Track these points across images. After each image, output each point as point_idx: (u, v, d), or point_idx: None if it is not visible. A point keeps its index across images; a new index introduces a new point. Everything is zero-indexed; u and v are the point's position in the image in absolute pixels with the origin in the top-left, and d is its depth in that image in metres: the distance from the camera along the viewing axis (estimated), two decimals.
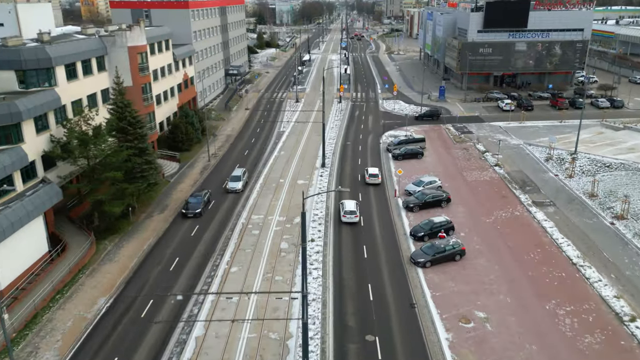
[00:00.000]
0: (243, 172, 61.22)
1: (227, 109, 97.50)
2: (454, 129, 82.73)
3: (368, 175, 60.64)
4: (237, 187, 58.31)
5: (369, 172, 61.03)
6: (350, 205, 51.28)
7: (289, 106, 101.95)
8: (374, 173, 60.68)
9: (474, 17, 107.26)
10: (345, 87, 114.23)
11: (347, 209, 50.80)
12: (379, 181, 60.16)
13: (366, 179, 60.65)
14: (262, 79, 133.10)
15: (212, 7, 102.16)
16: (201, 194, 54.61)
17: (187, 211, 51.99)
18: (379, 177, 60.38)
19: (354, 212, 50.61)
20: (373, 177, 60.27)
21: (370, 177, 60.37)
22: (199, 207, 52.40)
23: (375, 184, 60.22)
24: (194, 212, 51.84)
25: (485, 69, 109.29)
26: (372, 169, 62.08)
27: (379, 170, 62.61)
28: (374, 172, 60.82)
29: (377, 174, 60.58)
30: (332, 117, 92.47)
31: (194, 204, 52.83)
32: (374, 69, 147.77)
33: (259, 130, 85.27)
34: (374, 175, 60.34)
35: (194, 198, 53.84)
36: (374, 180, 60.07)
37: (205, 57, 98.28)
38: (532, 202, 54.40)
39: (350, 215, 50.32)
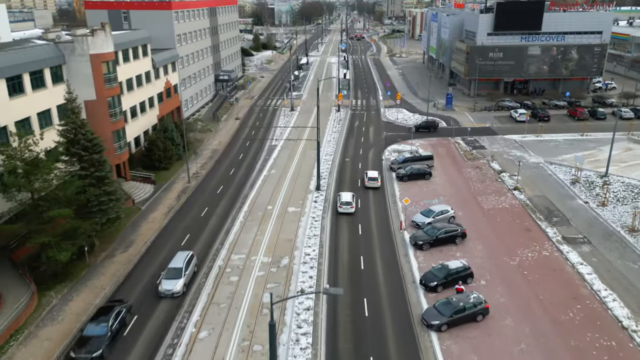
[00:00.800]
0: (187, 260, 40.09)
1: (215, 119, 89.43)
2: (464, 143, 74.61)
3: (367, 179, 59.33)
4: (174, 288, 37.78)
5: (368, 176, 59.76)
6: (347, 197, 53.29)
7: (283, 115, 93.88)
8: (373, 177, 59.38)
9: (483, 19, 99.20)
10: (344, 93, 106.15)
11: (343, 200, 52.94)
12: (378, 184, 59.04)
13: (365, 182, 59.39)
14: (256, 84, 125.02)
15: (199, 8, 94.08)
16: (109, 317, 33.37)
17: (77, 355, 31.01)
18: (378, 181, 59.11)
19: (349, 203, 52.39)
20: (372, 180, 59.07)
21: (369, 180, 59.11)
22: (101, 346, 31.33)
23: (375, 187, 59.04)
24: (90, 357, 30.92)
25: (495, 75, 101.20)
26: (372, 172, 60.87)
27: (379, 174, 61.12)
28: (373, 176, 59.51)
29: (377, 177, 59.34)
30: (329, 129, 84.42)
31: (93, 339, 31.78)
32: (375, 73, 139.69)
33: (249, 143, 77.17)
34: (373, 179, 59.13)
35: (95, 326, 32.75)
36: (373, 183, 58.89)
37: (191, 62, 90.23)
38: (562, 237, 46.29)
39: (346, 206, 52.22)
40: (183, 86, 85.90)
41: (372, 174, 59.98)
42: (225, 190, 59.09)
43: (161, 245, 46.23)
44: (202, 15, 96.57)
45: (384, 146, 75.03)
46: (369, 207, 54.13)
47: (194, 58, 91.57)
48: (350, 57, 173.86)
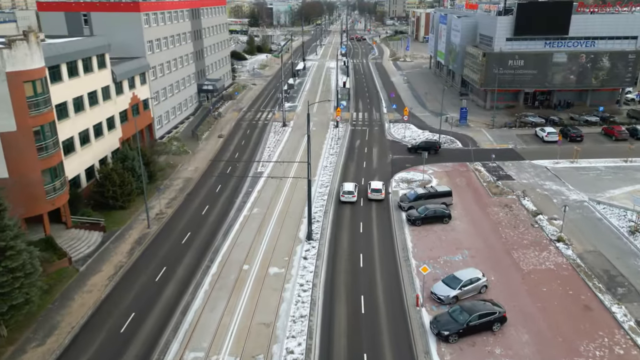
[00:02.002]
0: None
1: (195, 137, 77.39)
2: (486, 171, 62.57)
3: (370, 190, 55.56)
4: None
5: (371, 187, 55.88)
6: (349, 187, 55.18)
7: (273, 132, 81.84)
8: (377, 188, 55.44)
9: (502, 22, 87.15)
10: (342, 107, 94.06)
11: (345, 189, 54.76)
12: (382, 197, 55.15)
13: (368, 194, 55.61)
14: (246, 93, 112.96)
15: (177, 10, 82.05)
16: None
17: None
18: (382, 193, 55.20)
19: (351, 192, 54.37)
20: (376, 192, 55.21)
21: (372, 192, 55.30)
22: None
23: (379, 199, 55.17)
24: None
25: (515, 86, 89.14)
26: (376, 182, 56.84)
27: (383, 185, 56.65)
28: (377, 187, 55.55)
29: (381, 189, 55.34)
30: (325, 150, 72.40)
31: None
32: (377, 81, 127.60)
33: (230, 170, 65.17)
34: (376, 191, 55.26)
35: None
36: (377, 195, 55.07)
37: (167, 71, 78.21)
38: (636, 322, 34.27)
39: (348, 195, 54.25)
40: (156, 100, 73.97)
41: (376, 185, 55.83)
42: (193, 239, 47.11)
43: (93, 332, 34.21)
44: (181, 18, 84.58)
45: (391, 173, 63.05)
46: (374, 265, 42.15)
47: (171, 67, 79.57)
48: (350, 61, 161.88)
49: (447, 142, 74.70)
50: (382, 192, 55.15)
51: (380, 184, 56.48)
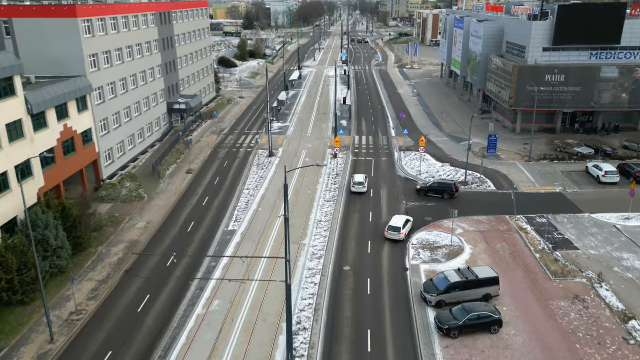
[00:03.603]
0: None
1: (156, 175, 61.37)
2: (535, 232, 46.51)
3: (388, 229, 46.10)
4: None
5: (391, 225, 46.30)
6: (360, 178, 56.39)
7: (256, 166, 65.80)
8: (396, 226, 45.85)
9: (538, 29, 71.08)
10: (341, 132, 77.93)
11: (356, 180, 56.06)
12: (402, 236, 45.37)
13: (384, 232, 46.17)
14: (231, 109, 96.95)
15: (136, 15, 66.02)
16: None
17: None
18: (401, 232, 45.40)
19: (362, 183, 55.79)
20: (394, 230, 45.67)
21: (390, 230, 45.91)
22: None
23: (398, 240, 45.30)
24: None
25: (553, 105, 73.06)
26: (397, 218, 47.27)
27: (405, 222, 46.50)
28: (396, 225, 45.95)
29: (400, 228, 45.61)
30: (320, 193, 56.43)
31: None
32: (382, 93, 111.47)
33: (192, 227, 49.12)
34: (395, 229, 45.67)
35: None
36: (395, 235, 45.49)
37: (122, 91, 62.27)
38: None
39: (359, 186, 55.67)
40: (105, 129, 58.05)
41: (397, 222, 46.27)
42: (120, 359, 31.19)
43: None
44: (144, 24, 68.57)
45: (407, 235, 46.99)
46: None
47: (127, 85, 63.58)
48: (351, 67, 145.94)
49: (475, 182, 58.67)
50: (402, 232, 45.61)
51: (403, 220, 46.79)
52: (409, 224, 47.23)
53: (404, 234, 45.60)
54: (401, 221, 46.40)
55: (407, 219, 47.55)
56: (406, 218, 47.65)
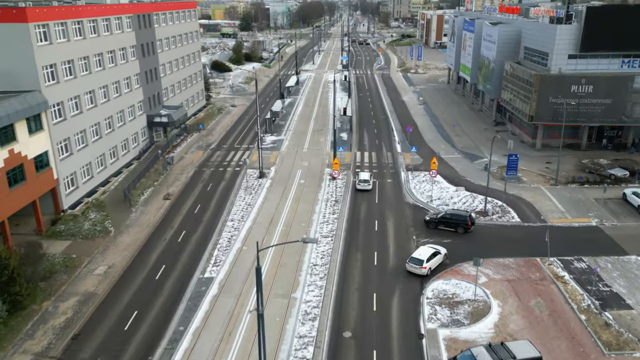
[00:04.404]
0: None
1: (127, 202, 53.28)
2: (575, 281, 38.43)
3: (409, 260, 40.25)
4: None
5: (413, 256, 40.49)
6: (365, 176, 56.85)
7: (244, 190, 57.73)
8: (418, 258, 40.15)
9: (563, 33, 63.02)
10: (342, 149, 69.76)
11: (361, 177, 56.52)
12: (425, 272, 39.29)
13: (406, 263, 40.35)
14: (221, 120, 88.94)
15: (106, 18, 57.98)
16: None
17: None
18: (423, 266, 39.31)
19: (367, 181, 55.98)
20: (416, 263, 39.73)
21: (411, 262, 40.04)
22: None
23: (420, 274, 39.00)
24: None
25: (580, 119, 64.96)
26: (423, 250, 41.15)
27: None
28: (419, 257, 40.26)
29: (422, 261, 39.66)
30: (315, 226, 48.38)
31: None
32: (386, 100, 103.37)
33: (162, 273, 41.04)
34: (417, 262, 39.76)
35: None
36: (416, 269, 39.63)
37: (89, 105, 54.28)
38: None
39: (364, 184, 55.86)
40: (67, 151, 50.05)
41: (421, 253, 40.41)
42: None
43: None
44: (117, 28, 60.52)
45: (420, 283, 38.98)
46: None
47: (96, 98, 55.55)
48: (352, 71, 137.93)
49: (496, 212, 50.61)
50: (425, 266, 39.49)
51: (429, 252, 40.76)
52: (437, 257, 40.71)
53: (427, 269, 39.46)
54: (426, 253, 40.40)
55: (436, 251, 41.07)
56: (434, 250, 41.16)
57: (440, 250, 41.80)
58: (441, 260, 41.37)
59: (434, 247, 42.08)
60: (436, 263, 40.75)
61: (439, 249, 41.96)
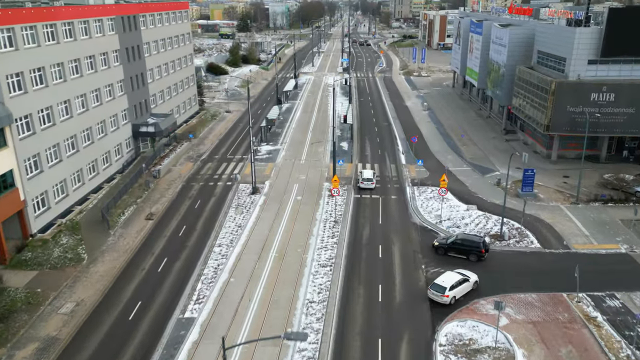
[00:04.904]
0: None
1: (105, 223, 48.26)
2: (609, 324, 33.43)
3: (431, 287, 36.43)
4: None
5: (436, 282, 36.52)
6: (368, 174, 56.24)
7: (235, 208, 52.68)
8: (441, 285, 36.10)
9: (582, 37, 58.02)
10: (342, 161, 64.59)
11: (365, 176, 55.90)
12: (447, 301, 35.23)
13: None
14: (214, 127, 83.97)
15: (86, 20, 52.97)
16: None
17: None
18: (445, 294, 35.39)
19: (370, 179, 55.61)
20: (438, 290, 36.00)
21: (433, 289, 36.18)
22: None
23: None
24: None
25: (600, 130, 59.95)
26: (449, 275, 36.99)
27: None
28: (442, 284, 36.22)
29: (445, 288, 35.64)
30: (312, 252, 43.38)
31: None
32: (388, 106, 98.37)
33: (137, 311, 36.00)
34: (439, 289, 35.98)
35: None
36: (437, 297, 35.70)
37: (63, 117, 49.32)
38: None
39: (367, 182, 55.38)
40: (37, 168, 45.08)
41: (445, 280, 36.51)
42: None
43: None
44: (98, 31, 55.53)
45: (431, 323, 34.01)
46: None
47: (71, 109, 50.57)
48: (353, 74, 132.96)
49: (513, 236, 45.63)
50: (447, 294, 35.65)
51: (454, 278, 36.80)
52: (464, 284, 36.47)
53: (449, 297, 35.48)
54: (451, 280, 36.32)
55: (464, 278, 36.85)
56: (462, 276, 36.88)
57: (470, 277, 37.46)
58: (470, 288, 37.12)
59: (462, 272, 37.78)
60: (463, 291, 36.48)
61: (468, 275, 37.61)
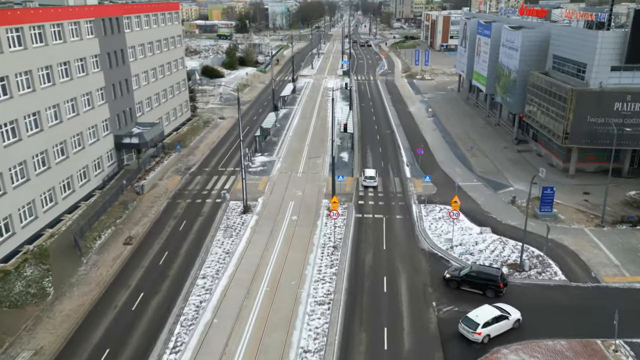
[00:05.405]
0: None
1: (77, 250, 43.25)
2: None
3: (463, 320, 32.27)
4: None
5: (469, 316, 32.20)
6: (371, 172, 56.64)
7: (223, 231, 47.66)
8: (474, 320, 31.91)
9: (605, 41, 53.00)
10: (342, 176, 59.30)
11: (367, 174, 56.34)
12: (479, 339, 31.34)
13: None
14: (206, 135, 78.95)
15: (59, 22, 47.94)
16: None
17: None
18: (478, 331, 31.35)
19: (373, 177, 55.78)
20: (469, 326, 31.72)
21: (464, 324, 32.05)
22: None
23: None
24: None
25: (625, 142, 54.87)
26: (485, 310, 32.48)
27: None
28: (475, 319, 31.95)
29: (478, 325, 31.44)
30: (308, 287, 38.36)
31: None
32: (391, 112, 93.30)
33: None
34: (471, 325, 31.74)
35: None
36: (469, 334, 31.59)
37: (31, 131, 44.30)
38: None
39: (370, 180, 55.59)
40: (0, 189, 40.15)
41: (480, 315, 32.19)
42: None
43: None
44: (73, 35, 50.53)
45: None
46: None
47: (41, 122, 45.59)
48: (353, 77, 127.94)
49: (534, 265, 40.63)
50: (479, 331, 31.56)
51: (491, 313, 32.50)
52: (502, 322, 32.07)
53: (481, 335, 31.42)
54: (487, 315, 32.06)
55: (502, 314, 32.19)
56: (500, 312, 32.55)
57: (510, 314, 32.77)
58: (510, 327, 32.43)
59: (502, 307, 33.20)
60: (500, 330, 31.90)
61: (509, 311, 32.98)
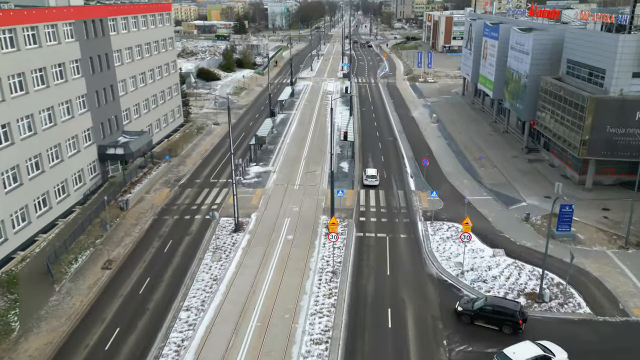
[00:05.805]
0: None
1: (49, 277, 39.22)
2: None
3: (497, 357, 28.96)
4: None
5: (505, 352, 29.14)
6: (372, 171, 56.96)
7: (212, 253, 43.64)
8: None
9: (626, 45, 48.93)
10: (342, 191, 55.07)
11: (368, 173, 56.66)
12: None
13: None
14: (199, 143, 74.89)
15: (34, 25, 43.93)
16: None
17: None
18: None
19: (374, 176, 56.19)
20: None
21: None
22: None
23: None
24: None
25: None
26: (523, 348, 29.37)
27: None
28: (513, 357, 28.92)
29: None
30: (304, 321, 34.34)
31: None
32: (393, 118, 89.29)
33: None
34: None
35: None
36: None
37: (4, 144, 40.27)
38: None
39: (371, 179, 55.97)
40: None
41: (518, 352, 28.93)
42: None
43: None
44: (51, 38, 46.52)
45: None
46: None
47: (12, 134, 41.59)
48: (354, 80, 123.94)
49: (555, 295, 36.60)
50: None
51: (532, 351, 29.39)
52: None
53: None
54: (525, 353, 28.94)
55: (544, 355, 28.77)
56: (541, 352, 29.17)
57: (555, 355, 29.10)
58: None
59: (545, 346, 29.67)
60: None
61: (553, 351, 29.37)
